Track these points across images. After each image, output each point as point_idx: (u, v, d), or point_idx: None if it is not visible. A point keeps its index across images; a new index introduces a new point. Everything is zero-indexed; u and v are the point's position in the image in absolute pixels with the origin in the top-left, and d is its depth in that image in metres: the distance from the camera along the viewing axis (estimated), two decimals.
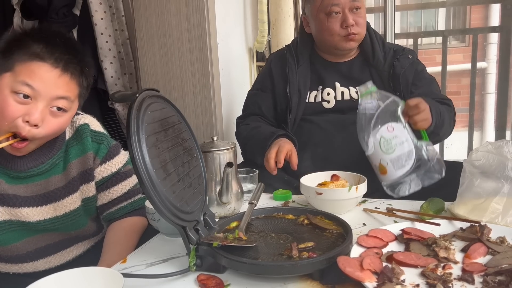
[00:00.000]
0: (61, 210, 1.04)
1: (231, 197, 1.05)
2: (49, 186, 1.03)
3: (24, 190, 1.01)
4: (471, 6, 4.81)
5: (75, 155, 1.05)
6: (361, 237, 0.84)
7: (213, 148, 1.06)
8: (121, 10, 2.18)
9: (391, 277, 0.69)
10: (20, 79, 0.91)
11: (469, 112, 2.54)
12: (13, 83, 0.91)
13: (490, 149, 0.96)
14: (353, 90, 1.52)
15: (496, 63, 4.37)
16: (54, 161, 1.03)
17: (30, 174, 1.00)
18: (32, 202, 1.01)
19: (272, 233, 0.90)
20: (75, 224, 1.08)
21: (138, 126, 0.75)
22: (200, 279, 0.77)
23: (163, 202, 0.75)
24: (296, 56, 1.58)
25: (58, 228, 1.05)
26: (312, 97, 1.55)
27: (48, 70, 0.93)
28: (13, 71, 0.92)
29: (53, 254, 1.08)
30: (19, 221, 1.01)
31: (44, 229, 1.04)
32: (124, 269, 0.84)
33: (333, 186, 1.08)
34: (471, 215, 0.93)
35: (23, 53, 0.92)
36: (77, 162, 1.06)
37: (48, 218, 1.02)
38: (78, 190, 1.06)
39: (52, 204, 1.03)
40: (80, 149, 1.06)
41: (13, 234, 1.02)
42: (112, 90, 2.21)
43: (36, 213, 1.01)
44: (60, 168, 1.04)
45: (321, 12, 1.49)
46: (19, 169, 0.98)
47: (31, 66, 0.92)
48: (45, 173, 1.02)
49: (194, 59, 1.89)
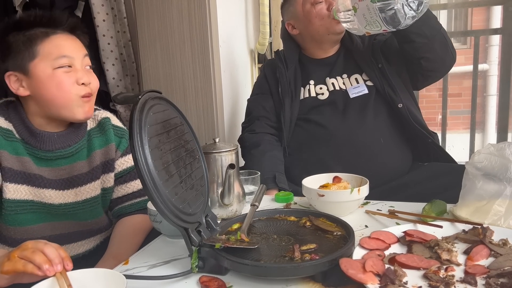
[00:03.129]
0: (82, 196, 1.09)
1: (233, 199, 1.05)
2: (73, 171, 1.08)
3: (50, 173, 1.05)
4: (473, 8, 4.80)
5: (99, 145, 1.12)
6: (364, 239, 0.84)
7: (215, 149, 1.06)
8: (123, 12, 2.19)
9: (394, 279, 0.69)
10: (54, 55, 1.00)
11: (471, 114, 2.54)
12: (51, 62, 1.00)
13: (492, 151, 0.96)
14: (340, 80, 1.58)
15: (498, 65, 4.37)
16: (79, 146, 1.09)
17: (57, 155, 1.05)
18: (56, 185, 1.06)
19: (274, 235, 0.90)
20: (93, 212, 1.12)
21: (140, 128, 0.75)
22: (202, 280, 0.77)
23: (166, 204, 0.75)
24: (284, 61, 1.64)
25: (77, 213, 1.09)
26: (306, 92, 1.59)
27: (67, 38, 1.04)
28: (40, 54, 1.00)
29: (65, 244, 1.10)
30: (40, 203, 1.04)
31: (63, 214, 1.07)
32: (126, 270, 0.84)
33: (335, 188, 1.08)
34: (473, 217, 0.92)
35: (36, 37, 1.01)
36: (101, 152, 1.12)
37: (69, 202, 1.07)
38: (99, 178, 1.12)
39: (74, 189, 1.08)
40: (104, 140, 1.13)
41: (32, 216, 1.05)
42: (114, 92, 2.22)
43: (58, 196, 1.06)
44: (84, 155, 1.10)
45: (306, 4, 1.57)
46: (48, 148, 1.04)
47: (53, 41, 1.01)
48: (70, 157, 1.07)
49: (196, 61, 1.89)
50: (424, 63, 1.43)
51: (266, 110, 1.63)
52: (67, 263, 0.73)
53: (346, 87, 1.55)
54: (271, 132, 1.61)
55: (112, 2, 2.15)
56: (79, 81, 1.03)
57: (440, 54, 1.42)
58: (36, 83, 1.00)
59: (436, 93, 3.90)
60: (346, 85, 1.56)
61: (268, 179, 1.40)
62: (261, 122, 1.62)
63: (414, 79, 1.55)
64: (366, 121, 1.47)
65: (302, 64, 1.65)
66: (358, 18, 1.14)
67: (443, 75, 1.58)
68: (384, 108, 1.51)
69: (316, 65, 1.63)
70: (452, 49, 1.42)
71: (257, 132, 1.59)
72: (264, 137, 1.58)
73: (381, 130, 1.47)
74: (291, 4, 1.63)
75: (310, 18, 1.56)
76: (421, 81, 1.56)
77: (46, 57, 1.00)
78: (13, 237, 1.04)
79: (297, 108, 1.57)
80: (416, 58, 1.43)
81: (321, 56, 1.64)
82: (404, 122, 1.49)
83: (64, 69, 1.01)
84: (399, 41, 1.44)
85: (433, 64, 1.44)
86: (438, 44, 1.39)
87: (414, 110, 1.52)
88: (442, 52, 1.41)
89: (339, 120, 1.49)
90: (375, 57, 1.55)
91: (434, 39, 1.37)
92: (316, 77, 1.60)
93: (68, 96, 1.02)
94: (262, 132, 1.59)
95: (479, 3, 3.06)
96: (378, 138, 1.45)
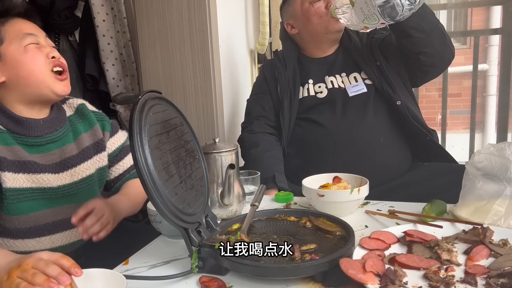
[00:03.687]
0: (78, 176, 1.13)
1: (233, 199, 1.05)
2: (64, 154, 1.11)
3: (42, 159, 1.08)
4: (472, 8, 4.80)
5: (84, 129, 1.17)
6: (364, 239, 0.84)
7: (215, 150, 1.06)
8: (123, 12, 2.19)
9: (394, 279, 0.69)
10: (21, 35, 1.06)
11: (471, 114, 2.54)
12: (20, 41, 1.05)
13: (492, 151, 0.96)
14: (339, 79, 1.58)
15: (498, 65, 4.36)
16: (64, 130, 1.14)
17: (46, 140, 1.09)
18: (51, 169, 1.09)
19: (274, 235, 0.90)
20: (90, 192, 1.16)
21: (140, 128, 0.75)
22: (202, 281, 0.77)
23: (166, 204, 0.75)
24: (283, 60, 1.65)
25: (76, 194, 1.12)
26: (305, 91, 1.59)
27: (24, 21, 1.10)
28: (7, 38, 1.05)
29: (69, 229, 1.12)
30: (39, 189, 1.06)
31: (62, 197, 1.10)
32: (126, 271, 0.84)
33: (335, 188, 1.08)
34: (473, 217, 0.92)
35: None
36: (88, 135, 1.17)
37: (66, 183, 1.10)
38: (91, 158, 1.17)
39: (69, 170, 1.11)
40: (87, 124, 1.18)
41: (33, 203, 1.06)
42: (114, 92, 2.22)
43: (55, 179, 1.08)
44: (70, 138, 1.15)
45: (305, 2, 1.58)
46: (36, 134, 1.07)
47: (14, 25, 1.07)
48: (59, 141, 1.11)
49: (196, 61, 1.89)
50: (422, 58, 1.43)
51: (265, 110, 1.63)
52: (76, 271, 0.70)
53: (345, 85, 1.56)
54: (271, 132, 1.61)
55: (112, 2, 2.15)
56: (49, 55, 1.08)
57: (439, 49, 1.42)
58: (11, 64, 1.04)
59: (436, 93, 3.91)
60: (345, 83, 1.56)
61: (267, 178, 1.41)
62: (260, 122, 1.62)
63: (413, 75, 1.55)
64: (365, 119, 1.47)
65: (300, 63, 1.65)
66: (356, 12, 1.15)
67: (442, 71, 1.58)
68: (383, 106, 1.51)
69: (314, 64, 1.63)
70: (450, 44, 1.43)
71: (256, 132, 1.60)
72: (264, 137, 1.58)
73: (380, 128, 1.47)
74: (290, 4, 1.64)
75: (308, 17, 1.56)
76: (420, 78, 1.56)
77: (14, 38, 1.05)
78: (17, 227, 1.05)
79: (296, 108, 1.57)
80: (414, 53, 1.43)
81: (320, 55, 1.65)
82: (403, 120, 1.49)
83: (34, 45, 1.06)
84: (397, 36, 1.44)
85: (431, 59, 1.44)
86: (436, 38, 1.39)
87: (413, 108, 1.52)
88: (441, 47, 1.41)
89: (339, 119, 1.49)
90: (373, 55, 1.55)
91: (432, 33, 1.37)
92: (315, 75, 1.60)
93: (43, 69, 1.06)
94: (262, 132, 1.60)
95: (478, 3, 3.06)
96: (378, 136, 1.45)
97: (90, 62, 2.17)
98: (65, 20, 2.16)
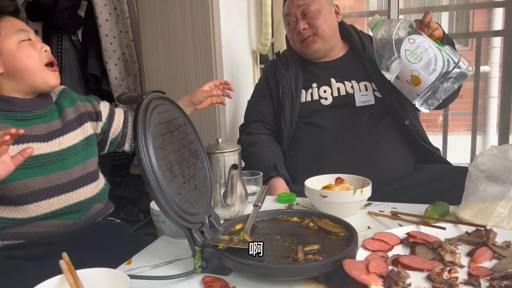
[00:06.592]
0: (65, 144, 1.18)
1: (235, 199, 1.05)
2: (50, 128, 1.18)
3: (30, 131, 1.13)
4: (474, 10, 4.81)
5: (68, 105, 1.24)
6: (367, 240, 0.84)
7: (218, 150, 1.06)
8: (126, 12, 2.19)
9: (397, 281, 0.69)
10: (14, 30, 1.12)
11: (472, 115, 2.54)
12: (14, 36, 1.12)
13: (495, 153, 0.96)
14: (348, 84, 1.55)
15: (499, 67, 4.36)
16: (50, 109, 1.21)
17: (34, 115, 1.16)
18: (39, 139, 1.15)
19: (277, 235, 0.90)
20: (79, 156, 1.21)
21: (145, 128, 0.75)
22: (206, 281, 0.77)
23: (169, 204, 0.75)
24: (285, 62, 1.64)
25: (65, 160, 1.17)
26: (308, 96, 1.57)
27: (14, 18, 1.17)
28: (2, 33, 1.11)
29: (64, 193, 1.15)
30: (31, 157, 1.09)
31: (53, 163, 1.15)
32: (129, 270, 0.84)
33: (338, 189, 1.08)
34: (476, 219, 0.92)
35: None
36: (71, 110, 1.24)
37: (55, 150, 1.16)
38: (75, 130, 1.23)
39: (57, 139, 1.17)
40: (70, 100, 1.26)
41: (26, 171, 1.10)
42: (116, 92, 2.22)
43: (44, 146, 1.15)
44: (56, 115, 1.22)
45: (285, 25, 1.63)
46: (26, 109, 1.15)
47: (6, 21, 1.13)
48: (45, 117, 1.18)
49: (199, 61, 1.89)
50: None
51: (263, 115, 1.63)
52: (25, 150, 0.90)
53: (354, 91, 1.53)
54: (268, 133, 1.61)
55: (115, 2, 2.15)
56: (42, 49, 1.16)
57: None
58: (8, 57, 1.12)
59: None
60: (354, 89, 1.53)
61: (269, 168, 1.41)
62: (258, 124, 1.62)
63: None
64: (369, 127, 1.47)
65: (304, 66, 1.63)
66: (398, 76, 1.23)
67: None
68: (390, 122, 1.49)
69: (318, 68, 1.61)
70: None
71: (253, 133, 1.60)
72: (261, 137, 1.59)
73: (383, 135, 1.46)
74: None
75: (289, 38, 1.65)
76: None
77: (9, 33, 1.12)
78: (15, 194, 1.09)
79: (297, 110, 1.56)
80: None
81: (325, 60, 1.63)
82: (410, 138, 1.49)
83: (27, 42, 1.14)
84: None
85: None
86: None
87: (419, 127, 1.52)
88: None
89: (342, 125, 1.48)
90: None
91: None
92: (319, 79, 1.58)
93: (38, 63, 1.14)
94: (259, 133, 1.60)
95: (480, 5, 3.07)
96: (380, 142, 1.45)
97: (93, 62, 2.18)
98: (68, 19, 2.16)
